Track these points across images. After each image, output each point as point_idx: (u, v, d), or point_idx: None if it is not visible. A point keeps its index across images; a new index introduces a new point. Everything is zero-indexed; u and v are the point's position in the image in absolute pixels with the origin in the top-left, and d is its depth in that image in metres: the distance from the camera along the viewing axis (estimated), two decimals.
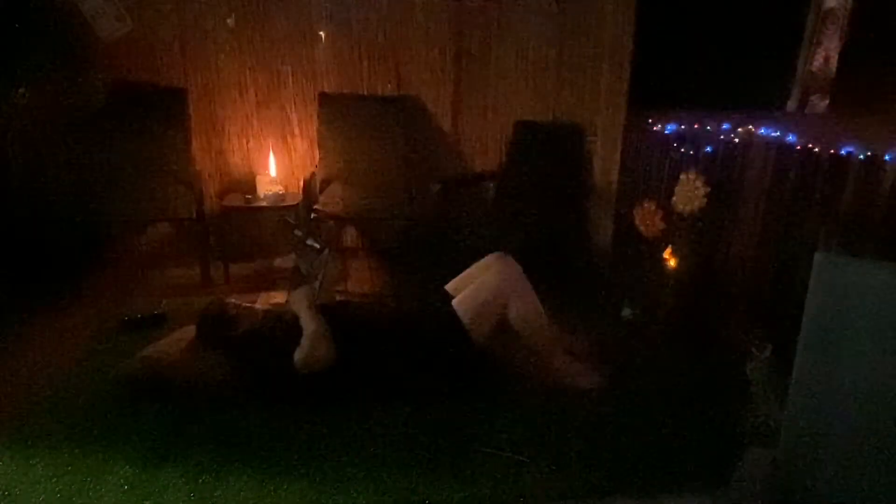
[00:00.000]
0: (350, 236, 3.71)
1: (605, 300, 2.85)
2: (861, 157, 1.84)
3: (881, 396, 0.99)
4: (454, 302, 2.10)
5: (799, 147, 2.08)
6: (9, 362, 2.22)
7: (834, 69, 3.08)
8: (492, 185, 3.58)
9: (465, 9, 3.42)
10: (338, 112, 3.37)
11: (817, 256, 1.08)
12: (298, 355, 1.91)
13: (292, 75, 3.42)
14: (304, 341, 1.94)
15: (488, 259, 2.24)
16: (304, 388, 1.94)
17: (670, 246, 2.65)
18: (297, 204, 3.19)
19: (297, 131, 3.51)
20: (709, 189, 2.42)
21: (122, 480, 1.58)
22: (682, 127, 2.67)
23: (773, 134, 2.21)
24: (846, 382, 1.03)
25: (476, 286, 2.12)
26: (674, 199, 2.57)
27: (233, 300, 2.26)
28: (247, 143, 3.49)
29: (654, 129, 2.85)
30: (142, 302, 2.78)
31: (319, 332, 1.96)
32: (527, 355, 2.16)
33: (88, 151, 3.06)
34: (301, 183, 3.44)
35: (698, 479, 1.63)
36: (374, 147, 3.38)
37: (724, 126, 2.43)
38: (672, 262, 2.64)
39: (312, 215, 3.04)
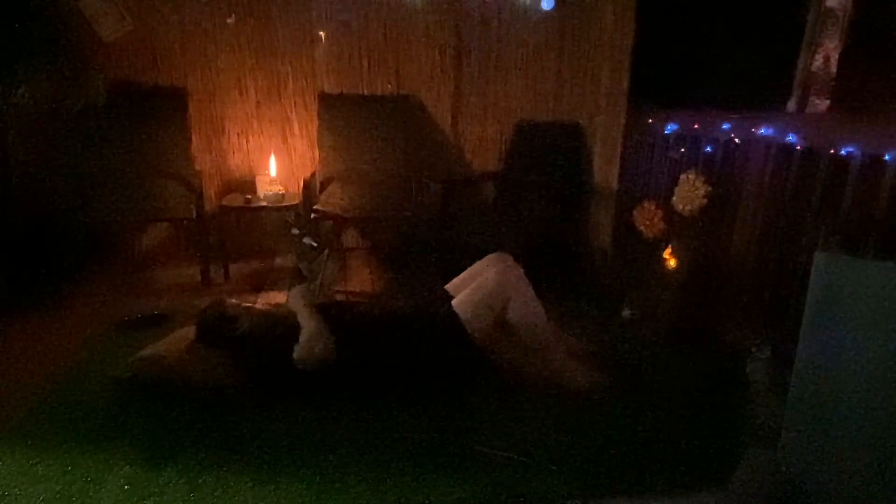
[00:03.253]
0: (350, 236, 3.71)
1: (605, 300, 2.85)
2: (861, 157, 1.84)
3: (881, 396, 0.99)
4: (454, 302, 2.11)
5: (799, 147, 2.08)
6: (9, 362, 2.22)
7: (834, 69, 3.08)
8: (492, 184, 3.58)
9: (465, 9, 3.42)
10: (338, 112, 3.37)
11: (817, 256, 1.08)
12: (297, 355, 1.92)
13: (292, 75, 3.42)
14: (303, 341, 1.94)
15: (488, 259, 2.24)
16: (303, 388, 1.94)
17: (670, 246, 2.66)
18: (297, 204, 3.19)
19: (297, 131, 3.52)
20: (709, 189, 2.42)
21: (122, 480, 1.58)
22: (682, 127, 2.67)
23: (773, 134, 2.21)
24: (846, 382, 1.03)
25: (476, 286, 2.12)
26: (674, 199, 2.57)
27: (233, 300, 2.26)
28: (247, 143, 3.49)
29: (654, 129, 2.85)
30: (142, 302, 2.79)
31: (318, 332, 1.96)
32: (526, 355, 2.16)
33: (88, 151, 3.06)
34: (301, 183, 3.45)
35: (698, 479, 1.63)
36: (374, 147, 3.38)
37: (724, 126, 2.43)
38: (672, 262, 2.64)
39: (312, 215, 3.04)
